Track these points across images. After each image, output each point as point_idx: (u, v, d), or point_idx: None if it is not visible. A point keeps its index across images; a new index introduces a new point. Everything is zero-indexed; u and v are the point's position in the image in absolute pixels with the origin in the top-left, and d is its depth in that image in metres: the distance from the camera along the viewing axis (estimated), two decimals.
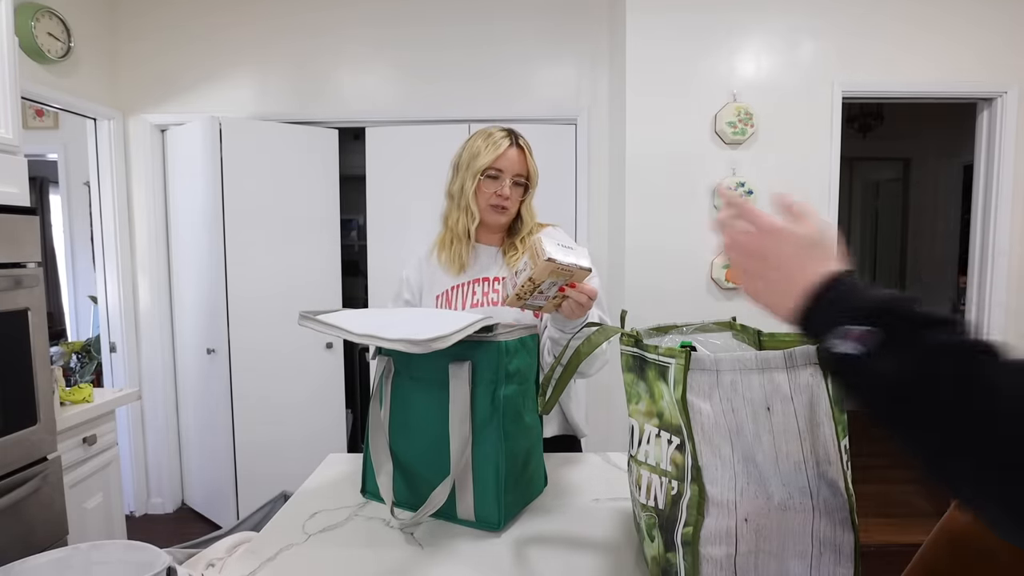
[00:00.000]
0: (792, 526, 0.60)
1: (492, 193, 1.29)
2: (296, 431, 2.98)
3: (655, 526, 0.68)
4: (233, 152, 2.78)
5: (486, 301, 1.29)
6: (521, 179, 1.31)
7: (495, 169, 1.28)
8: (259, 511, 1.21)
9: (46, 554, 0.75)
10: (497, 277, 1.31)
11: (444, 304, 1.33)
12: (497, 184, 1.29)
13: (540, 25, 2.93)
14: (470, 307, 1.30)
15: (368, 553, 0.83)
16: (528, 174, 1.31)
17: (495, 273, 1.32)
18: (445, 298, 1.33)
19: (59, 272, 3.89)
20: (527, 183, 1.32)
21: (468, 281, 1.32)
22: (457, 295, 1.32)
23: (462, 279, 1.33)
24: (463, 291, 1.32)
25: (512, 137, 1.31)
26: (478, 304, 1.29)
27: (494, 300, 1.28)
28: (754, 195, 2.56)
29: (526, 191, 1.33)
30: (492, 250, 1.35)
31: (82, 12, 2.73)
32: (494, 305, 1.28)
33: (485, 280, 1.32)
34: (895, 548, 2.59)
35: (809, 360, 0.61)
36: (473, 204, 1.30)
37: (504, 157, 1.28)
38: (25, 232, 1.63)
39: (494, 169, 1.28)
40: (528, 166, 1.31)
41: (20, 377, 1.60)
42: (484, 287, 1.31)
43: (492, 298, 1.29)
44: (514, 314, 1.23)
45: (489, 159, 1.28)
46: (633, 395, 0.72)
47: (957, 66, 2.58)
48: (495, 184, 1.29)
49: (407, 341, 0.80)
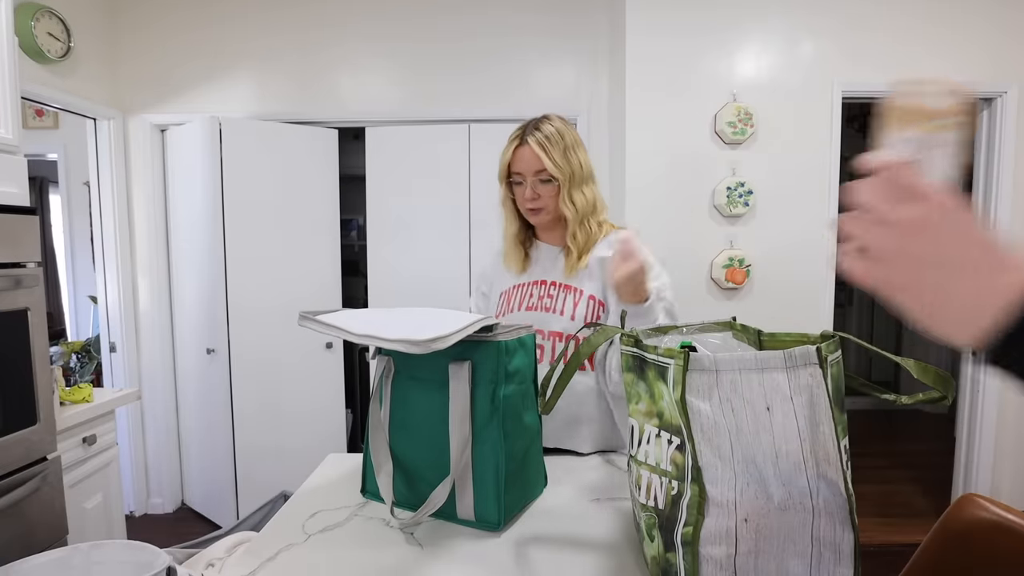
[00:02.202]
0: (792, 526, 0.60)
1: (522, 198, 1.27)
2: (296, 431, 2.98)
3: (655, 526, 0.68)
4: (233, 152, 2.78)
5: (540, 307, 1.27)
6: (544, 175, 1.23)
7: (516, 173, 1.26)
8: (259, 511, 1.21)
9: (46, 554, 0.75)
10: (555, 282, 1.28)
11: (505, 303, 1.33)
12: (522, 188, 1.26)
13: (540, 25, 2.93)
14: (525, 309, 1.28)
15: (368, 553, 0.83)
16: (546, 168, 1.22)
17: (554, 277, 1.29)
18: (507, 297, 1.33)
19: (59, 272, 3.89)
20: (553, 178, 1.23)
21: (528, 282, 1.32)
22: (516, 295, 1.32)
23: (523, 279, 1.32)
24: (522, 292, 1.31)
25: (522, 135, 1.25)
26: (533, 308, 1.28)
27: (548, 307, 1.26)
28: (754, 195, 2.56)
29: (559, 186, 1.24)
30: (554, 250, 1.32)
31: (82, 12, 2.73)
32: (547, 312, 1.25)
33: (543, 283, 1.30)
34: (895, 548, 2.59)
35: (808, 360, 0.61)
36: (511, 211, 1.31)
37: (517, 159, 1.25)
38: (25, 232, 1.63)
39: (515, 174, 1.26)
40: (544, 162, 1.21)
41: (20, 377, 1.60)
42: (541, 290, 1.29)
43: (547, 304, 1.26)
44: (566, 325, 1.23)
45: (505, 163, 1.26)
46: (633, 395, 0.72)
47: (957, 66, 2.57)
48: (520, 189, 1.27)
49: (406, 341, 0.80)
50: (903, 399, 0.67)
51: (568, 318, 1.23)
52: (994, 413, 2.69)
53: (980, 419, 2.71)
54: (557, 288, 1.27)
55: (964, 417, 2.79)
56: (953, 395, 0.64)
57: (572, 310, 1.24)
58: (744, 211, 2.57)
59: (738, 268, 2.57)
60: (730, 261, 2.57)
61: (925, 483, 3.38)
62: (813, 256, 2.62)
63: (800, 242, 2.61)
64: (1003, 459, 2.72)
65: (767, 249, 2.61)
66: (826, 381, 0.61)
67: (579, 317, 1.23)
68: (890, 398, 0.68)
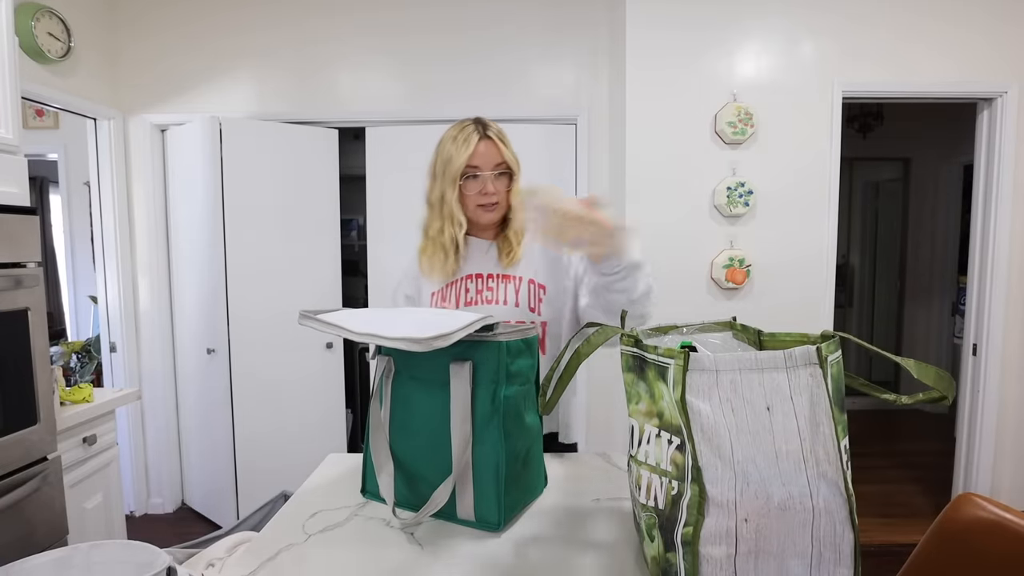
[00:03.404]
0: (792, 526, 0.60)
1: (477, 193, 1.22)
2: (296, 431, 2.98)
3: (655, 526, 0.68)
4: (233, 152, 2.78)
5: (480, 299, 1.25)
6: (503, 168, 1.23)
7: (472, 167, 1.21)
8: (259, 511, 1.21)
9: (46, 554, 0.75)
10: (491, 274, 1.26)
11: (440, 302, 1.28)
12: (479, 183, 1.22)
13: (540, 25, 2.93)
14: (464, 305, 1.25)
15: (368, 553, 0.83)
16: (507, 162, 1.23)
17: (489, 269, 1.27)
18: (440, 296, 1.28)
19: (59, 272, 3.89)
20: (510, 171, 1.24)
21: (461, 278, 1.27)
22: (451, 292, 1.27)
23: (455, 276, 1.28)
24: (456, 288, 1.27)
25: (480, 129, 1.23)
26: (472, 302, 1.25)
27: (488, 299, 1.24)
28: (754, 195, 2.56)
29: (511, 180, 1.25)
30: (484, 244, 1.29)
31: (82, 12, 2.73)
32: (488, 304, 1.24)
33: (479, 276, 1.27)
34: (895, 548, 2.59)
35: (809, 360, 0.61)
36: (458, 211, 1.23)
37: (477, 153, 1.21)
38: (25, 232, 1.63)
39: (471, 167, 1.21)
40: (504, 155, 1.23)
41: (20, 377, 1.60)
42: (478, 284, 1.26)
43: (487, 296, 1.24)
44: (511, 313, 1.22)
45: (463, 159, 1.20)
46: (633, 395, 0.72)
47: (957, 66, 2.58)
48: (477, 183, 1.22)
49: (408, 339, 0.80)
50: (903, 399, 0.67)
51: (512, 305, 1.23)
52: (994, 413, 2.69)
53: (980, 419, 2.71)
54: (495, 280, 1.25)
55: (964, 417, 2.79)
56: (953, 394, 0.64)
57: (515, 296, 1.23)
58: (744, 211, 2.57)
59: (738, 268, 2.57)
60: (730, 261, 2.57)
61: (925, 483, 3.38)
62: (813, 256, 2.62)
63: (800, 242, 2.61)
64: (1003, 459, 2.72)
65: (767, 249, 2.61)
66: (826, 381, 0.61)
67: (522, 303, 1.23)
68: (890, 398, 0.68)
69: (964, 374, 2.80)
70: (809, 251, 2.61)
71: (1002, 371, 2.67)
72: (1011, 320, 2.66)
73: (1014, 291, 2.65)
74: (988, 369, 2.67)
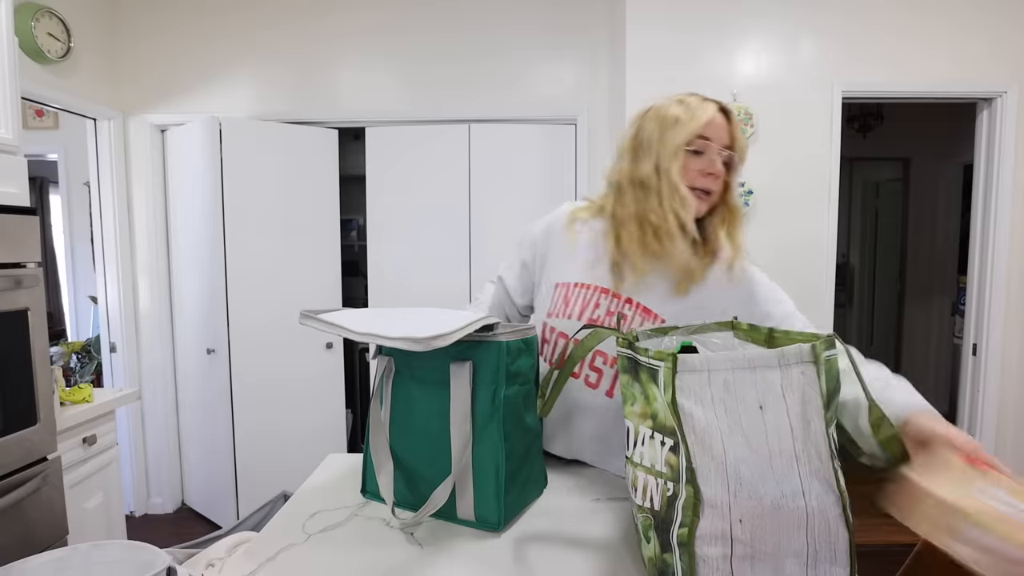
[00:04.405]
0: (787, 526, 0.60)
1: (697, 172, 0.96)
2: (296, 431, 2.98)
3: (651, 527, 0.68)
4: (233, 152, 2.78)
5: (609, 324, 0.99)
6: (729, 152, 0.98)
7: (703, 138, 0.96)
8: (259, 511, 1.21)
9: (46, 554, 0.75)
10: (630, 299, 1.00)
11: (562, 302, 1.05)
12: (704, 160, 0.96)
13: (540, 25, 2.93)
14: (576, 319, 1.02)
15: (368, 553, 0.83)
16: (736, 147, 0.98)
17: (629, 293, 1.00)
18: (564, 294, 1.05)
19: (59, 272, 3.89)
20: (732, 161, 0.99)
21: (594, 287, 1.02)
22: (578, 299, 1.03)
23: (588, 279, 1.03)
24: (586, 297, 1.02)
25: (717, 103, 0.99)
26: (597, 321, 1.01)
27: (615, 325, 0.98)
28: (754, 195, 2.56)
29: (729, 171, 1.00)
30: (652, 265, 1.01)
31: (82, 12, 2.73)
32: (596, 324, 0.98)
33: (615, 296, 1.01)
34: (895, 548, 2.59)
35: (801, 358, 0.61)
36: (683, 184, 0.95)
37: (713, 123, 0.97)
38: (25, 232, 1.64)
39: (702, 139, 0.96)
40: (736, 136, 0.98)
41: (20, 377, 1.60)
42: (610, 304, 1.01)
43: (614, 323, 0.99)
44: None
45: (697, 125, 0.95)
46: (628, 396, 0.72)
47: (957, 66, 2.58)
48: (702, 160, 0.96)
49: (408, 339, 0.80)
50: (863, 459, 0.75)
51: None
52: (994, 413, 2.69)
53: (980, 419, 2.71)
54: (633, 308, 1.00)
55: (964, 417, 2.79)
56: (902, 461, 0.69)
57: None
58: (744, 211, 2.57)
59: None
60: None
61: None
62: (813, 256, 2.62)
63: (800, 242, 2.61)
64: (1003, 459, 2.68)
65: (767, 249, 2.61)
66: (819, 379, 0.61)
67: None
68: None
69: (964, 374, 2.80)
70: (809, 251, 2.61)
71: (1002, 371, 2.67)
72: (1011, 320, 2.66)
73: (1014, 291, 2.65)
74: (988, 369, 2.68)
